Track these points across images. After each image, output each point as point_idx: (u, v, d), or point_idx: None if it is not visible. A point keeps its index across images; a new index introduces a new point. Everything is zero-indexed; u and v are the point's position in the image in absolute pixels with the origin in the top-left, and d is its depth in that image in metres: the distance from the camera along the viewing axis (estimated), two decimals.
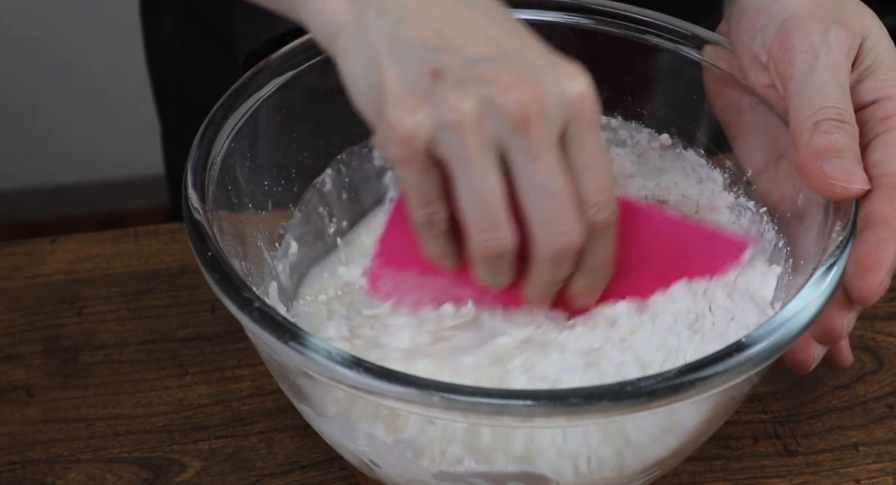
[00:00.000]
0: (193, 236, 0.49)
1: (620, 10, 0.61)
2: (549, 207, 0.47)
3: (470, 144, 0.45)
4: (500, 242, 0.47)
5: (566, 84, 0.46)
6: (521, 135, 0.45)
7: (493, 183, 0.46)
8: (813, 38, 0.52)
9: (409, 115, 0.45)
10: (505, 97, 0.45)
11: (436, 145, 0.46)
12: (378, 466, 0.51)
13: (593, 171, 0.47)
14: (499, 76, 0.45)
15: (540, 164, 0.46)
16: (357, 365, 0.44)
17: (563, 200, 0.47)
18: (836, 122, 0.50)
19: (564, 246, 0.48)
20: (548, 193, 0.46)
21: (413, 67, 0.45)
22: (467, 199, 0.46)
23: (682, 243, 0.54)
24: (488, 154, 0.46)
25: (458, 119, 0.45)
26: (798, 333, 0.46)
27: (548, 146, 0.46)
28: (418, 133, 0.45)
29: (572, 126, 0.46)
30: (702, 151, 0.62)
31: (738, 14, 0.57)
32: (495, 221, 0.47)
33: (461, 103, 0.45)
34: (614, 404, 0.43)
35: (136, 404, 0.63)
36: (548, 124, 0.45)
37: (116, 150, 1.77)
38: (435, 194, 0.48)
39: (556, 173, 0.46)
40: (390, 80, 0.45)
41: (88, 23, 1.67)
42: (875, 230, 0.49)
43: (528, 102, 0.45)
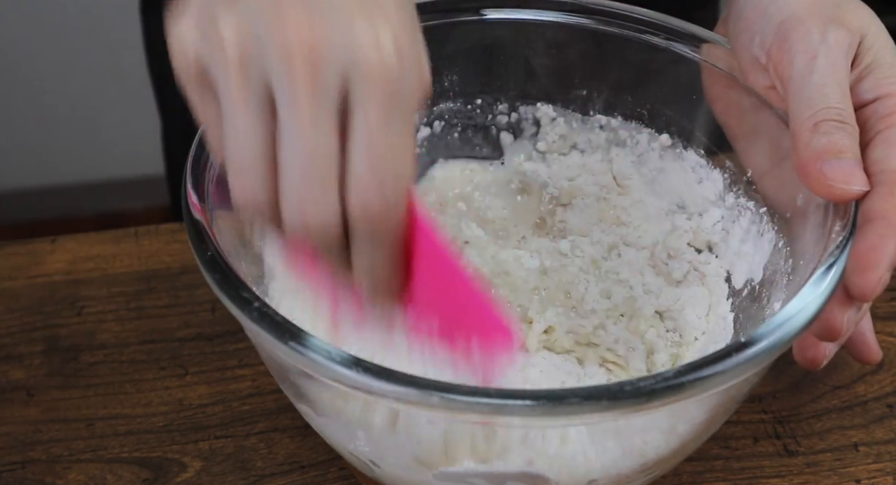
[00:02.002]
0: (193, 236, 0.49)
1: (620, 10, 0.61)
2: (294, 171, 0.41)
3: (230, 77, 0.40)
4: (250, 193, 0.42)
5: (361, 39, 0.40)
6: (284, 77, 0.40)
7: (247, 120, 0.41)
8: (811, 38, 0.52)
9: (183, 33, 0.42)
10: (278, 30, 0.39)
11: (205, 71, 0.42)
12: (378, 466, 0.51)
13: (370, 149, 0.40)
14: (286, 9, 0.40)
15: (298, 115, 0.40)
16: (356, 365, 0.44)
17: (312, 169, 0.40)
18: (836, 122, 0.50)
19: (299, 223, 0.41)
20: (296, 155, 0.40)
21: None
22: (226, 138, 0.42)
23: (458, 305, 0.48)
24: (251, 92, 0.41)
25: (218, 43, 0.40)
26: (797, 333, 0.46)
27: (311, 99, 0.40)
28: (184, 52, 0.42)
29: (357, 90, 0.40)
30: (702, 151, 0.62)
31: (736, 15, 0.57)
32: (246, 167, 0.41)
33: (228, 29, 0.40)
34: (613, 403, 0.43)
35: (136, 404, 0.63)
36: (316, 73, 0.39)
37: (116, 150, 1.77)
38: (216, 121, 0.43)
39: (310, 134, 0.40)
40: (192, 3, 0.42)
41: (88, 22, 1.67)
42: (874, 227, 0.49)
43: (297, 42, 0.39)
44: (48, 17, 1.66)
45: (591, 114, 0.65)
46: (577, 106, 0.65)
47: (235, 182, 0.42)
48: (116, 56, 1.67)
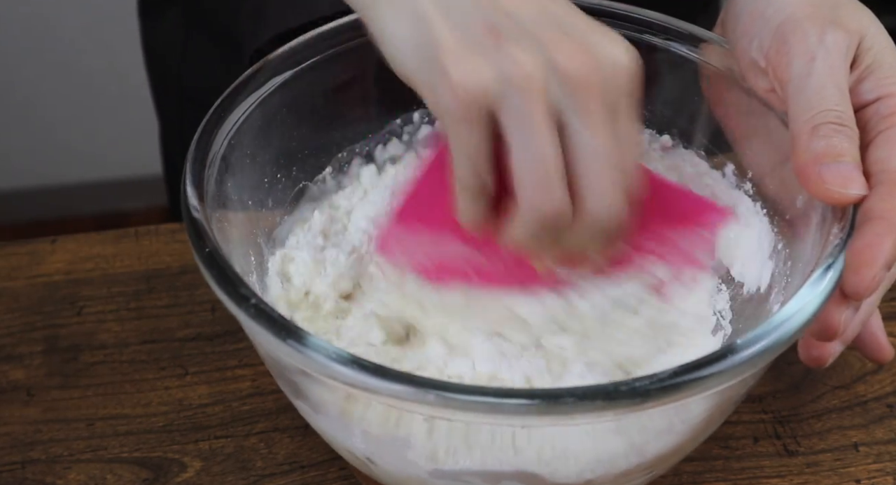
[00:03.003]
0: (192, 234, 0.49)
1: (621, 11, 0.61)
2: (605, 177, 0.46)
3: (536, 104, 0.44)
4: (556, 204, 0.46)
5: (618, 53, 0.46)
6: (583, 100, 0.44)
7: (553, 145, 0.45)
8: (809, 40, 0.52)
9: (473, 69, 0.44)
10: (568, 61, 0.44)
11: (497, 104, 0.44)
12: (374, 463, 0.51)
13: (632, 143, 0.47)
14: (558, 40, 0.44)
15: (598, 132, 0.45)
16: (353, 362, 0.44)
17: (617, 172, 0.46)
18: (835, 125, 0.50)
19: (615, 215, 0.47)
20: (602, 162, 0.46)
21: (468, 24, 0.44)
22: (526, 159, 0.45)
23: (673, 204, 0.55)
24: (550, 117, 0.45)
25: (525, 76, 0.44)
26: (795, 334, 0.46)
27: (605, 115, 0.45)
28: (482, 88, 0.44)
29: (620, 96, 0.46)
30: (702, 151, 0.62)
31: (734, 18, 0.57)
32: (554, 183, 0.46)
33: (528, 60, 0.44)
34: (609, 403, 0.43)
35: (136, 404, 0.63)
36: (605, 93, 0.45)
37: (116, 150, 1.77)
38: (485, 153, 0.46)
39: (613, 145, 0.46)
40: (445, 38, 0.44)
41: (88, 22, 1.67)
42: (872, 225, 0.49)
43: (589, 68, 0.44)
44: (48, 18, 1.66)
45: None
46: None
47: (542, 198, 0.46)
48: (116, 56, 1.67)
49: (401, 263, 0.55)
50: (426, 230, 0.53)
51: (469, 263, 0.53)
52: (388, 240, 0.55)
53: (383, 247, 0.55)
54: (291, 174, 0.60)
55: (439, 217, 0.51)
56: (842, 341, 0.54)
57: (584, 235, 0.48)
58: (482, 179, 0.47)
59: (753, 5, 0.55)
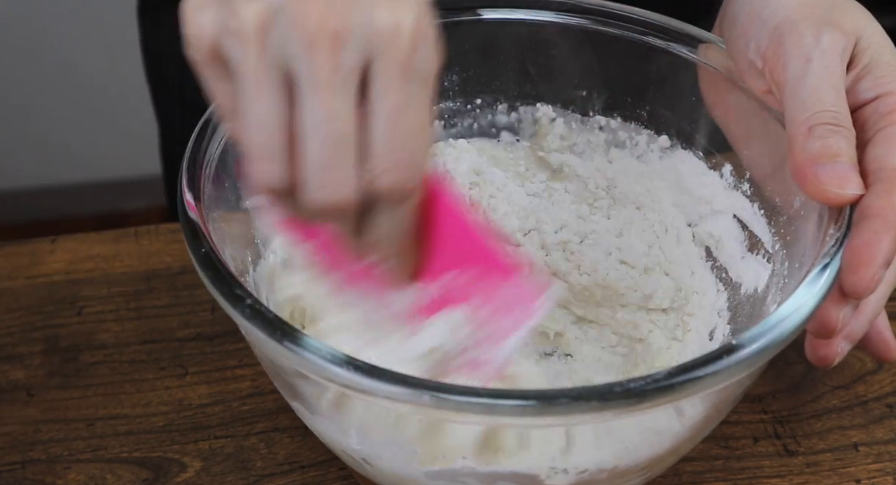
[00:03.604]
0: (188, 234, 0.49)
1: (620, 11, 0.61)
2: (315, 151, 0.41)
3: (249, 56, 0.40)
4: (270, 175, 0.42)
5: (379, 13, 0.40)
6: (305, 58, 0.40)
7: (268, 105, 0.41)
8: (805, 41, 0.52)
9: (196, 14, 0.41)
10: (295, 11, 0.39)
11: (222, 52, 0.41)
12: (370, 464, 0.51)
13: (391, 126, 0.41)
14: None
15: (319, 96, 0.40)
16: (348, 363, 0.44)
17: (336, 147, 0.41)
18: (831, 125, 0.50)
19: (322, 202, 0.42)
20: (317, 134, 0.41)
21: None
22: (243, 120, 0.41)
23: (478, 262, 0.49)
24: (270, 72, 0.40)
25: (237, 24, 0.40)
26: (791, 335, 0.46)
27: (332, 78, 0.40)
28: (201, 33, 0.41)
29: (377, 64, 0.40)
30: (700, 152, 0.62)
31: (731, 20, 0.57)
32: (267, 150, 0.41)
33: (246, 9, 0.40)
34: (604, 404, 0.43)
35: (136, 404, 0.63)
36: (338, 53, 0.40)
37: (116, 150, 1.77)
38: (229, 105, 0.43)
39: (335, 114, 0.40)
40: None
41: (88, 22, 1.67)
42: (870, 224, 0.49)
43: (321, 20, 0.39)
44: (48, 18, 1.66)
45: (590, 115, 0.65)
46: (577, 107, 0.65)
47: (255, 164, 0.42)
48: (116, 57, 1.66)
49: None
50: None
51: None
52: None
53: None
54: None
55: None
56: (849, 340, 0.53)
57: (309, 214, 0.43)
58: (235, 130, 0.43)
59: (750, 7, 0.55)
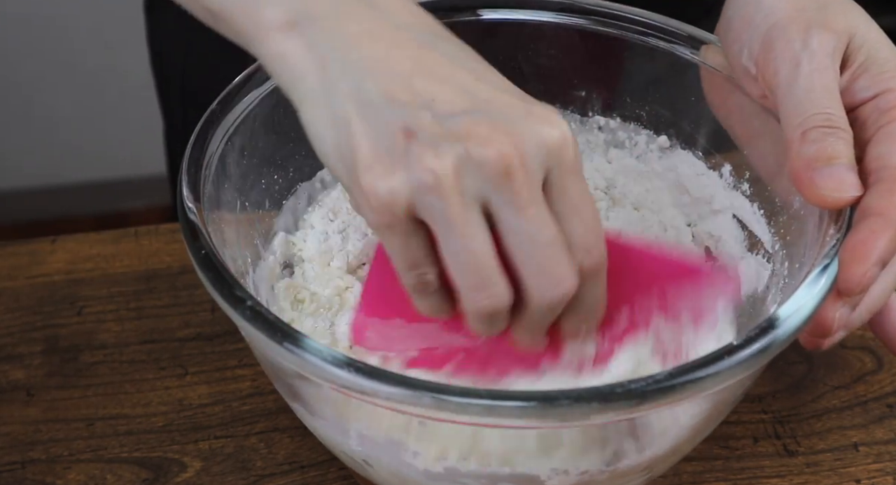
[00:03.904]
0: (188, 235, 0.49)
1: (620, 11, 0.61)
2: (542, 257, 0.45)
3: (451, 205, 0.43)
4: (495, 300, 0.45)
5: (544, 131, 0.44)
6: (504, 188, 0.43)
7: (480, 242, 0.44)
8: (793, 45, 0.52)
9: (384, 181, 0.43)
10: (482, 152, 0.43)
11: (416, 208, 0.44)
12: (371, 465, 0.51)
13: (580, 215, 0.45)
14: (474, 130, 0.43)
15: (527, 215, 0.44)
16: (348, 365, 0.44)
17: (555, 249, 0.45)
18: (825, 128, 0.50)
19: (561, 295, 0.46)
20: (539, 244, 0.44)
21: (383, 127, 0.43)
22: (455, 260, 0.44)
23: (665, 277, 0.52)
24: (472, 212, 0.44)
25: (435, 180, 0.43)
26: (792, 335, 0.46)
27: (532, 197, 0.44)
28: (395, 198, 0.43)
29: (555, 172, 0.45)
30: (700, 152, 0.62)
31: (725, 26, 0.56)
32: (488, 280, 0.45)
33: (437, 163, 0.43)
34: (604, 406, 0.43)
35: (136, 403, 0.63)
36: (530, 174, 0.44)
37: (117, 149, 1.77)
38: (422, 256, 0.46)
39: (544, 223, 0.44)
40: (360, 143, 0.43)
41: (89, 22, 1.67)
42: (868, 222, 0.49)
43: (507, 155, 0.43)
44: (49, 17, 1.66)
45: (589, 115, 0.65)
46: (576, 107, 0.65)
47: (475, 294, 0.45)
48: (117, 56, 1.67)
49: (381, 350, 0.53)
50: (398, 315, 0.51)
51: (454, 346, 0.52)
52: (363, 330, 0.53)
53: (359, 338, 0.53)
54: (288, 175, 0.60)
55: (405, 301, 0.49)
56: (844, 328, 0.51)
57: (537, 317, 0.47)
58: (425, 277, 0.46)
59: (744, 11, 0.55)
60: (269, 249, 0.59)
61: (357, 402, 0.46)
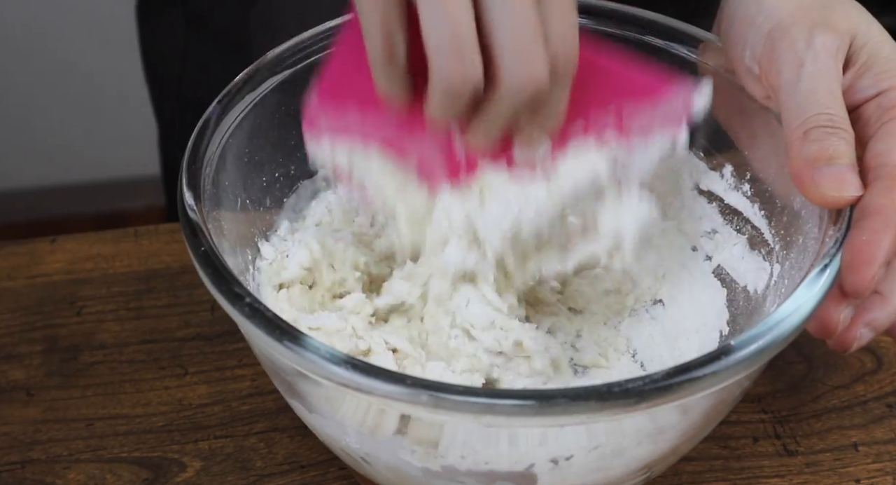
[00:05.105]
0: (187, 234, 0.49)
1: (620, 11, 0.61)
2: (522, 40, 0.44)
3: None
4: (466, 71, 0.44)
5: None
6: None
7: (463, 8, 0.43)
8: (797, 46, 0.52)
9: None
10: None
11: None
12: (369, 463, 0.51)
13: (562, 10, 0.45)
14: None
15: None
16: (346, 362, 0.44)
17: (536, 36, 0.44)
18: (827, 128, 0.50)
19: (534, 85, 0.45)
20: (520, 27, 0.44)
21: None
22: (434, 22, 0.44)
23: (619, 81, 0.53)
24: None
25: None
26: (791, 335, 0.46)
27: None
28: None
29: None
30: (701, 152, 0.62)
31: (727, 26, 0.56)
32: (463, 48, 0.44)
33: None
34: (602, 404, 0.43)
35: (136, 403, 0.63)
36: None
37: (116, 150, 1.77)
38: (395, 19, 0.45)
39: (529, 6, 0.44)
40: None
41: (87, 22, 1.67)
42: (870, 222, 0.49)
43: None
44: (47, 18, 1.66)
45: None
46: None
47: (447, 60, 0.44)
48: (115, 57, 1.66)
49: (330, 136, 0.52)
50: (355, 102, 0.51)
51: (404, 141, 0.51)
52: (316, 115, 0.52)
53: (311, 124, 0.52)
54: (289, 173, 0.60)
55: (363, 95, 0.49)
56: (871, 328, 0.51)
57: (507, 106, 0.47)
58: (394, 46, 0.46)
59: (745, 12, 0.55)
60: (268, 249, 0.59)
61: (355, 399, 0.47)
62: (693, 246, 0.63)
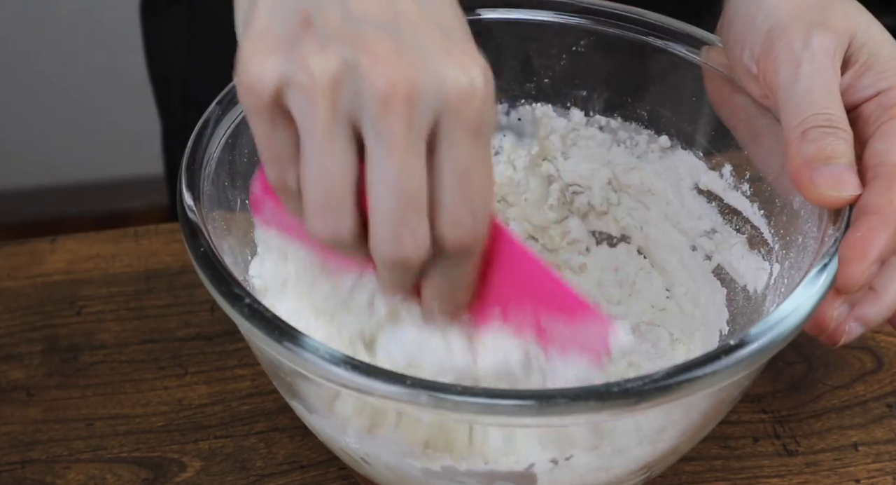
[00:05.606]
0: (187, 234, 0.49)
1: (620, 11, 0.61)
2: (390, 208, 0.41)
3: (318, 111, 0.40)
4: (335, 229, 0.42)
5: (451, 73, 0.40)
6: (379, 118, 0.39)
7: (338, 161, 0.41)
8: (794, 46, 0.52)
9: (258, 59, 0.40)
10: (372, 69, 0.39)
11: (285, 101, 0.41)
12: (369, 463, 0.51)
13: (462, 182, 0.41)
14: (375, 43, 0.39)
15: (392, 157, 0.40)
16: (346, 363, 0.44)
17: (408, 205, 0.41)
18: (825, 128, 0.50)
19: (397, 257, 0.42)
20: (392, 192, 0.40)
21: (287, 8, 0.40)
22: (307, 172, 0.41)
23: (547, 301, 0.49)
24: (339, 128, 0.40)
25: (308, 80, 0.39)
26: (790, 334, 0.46)
27: (406, 138, 0.40)
28: (262, 82, 0.40)
29: (447, 124, 0.40)
30: (700, 152, 0.62)
31: (727, 25, 0.56)
32: (333, 204, 0.41)
33: (317, 62, 0.39)
34: (601, 404, 0.43)
35: (136, 403, 0.63)
36: (412, 114, 0.39)
37: (116, 150, 1.77)
38: (286, 155, 0.42)
39: (409, 174, 0.40)
40: (259, 16, 0.41)
41: (88, 22, 1.67)
42: (867, 220, 0.49)
43: (395, 81, 0.39)
44: (48, 17, 1.66)
45: (590, 114, 0.65)
46: (577, 107, 0.65)
47: (316, 216, 0.42)
48: (117, 56, 1.67)
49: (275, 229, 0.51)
50: None
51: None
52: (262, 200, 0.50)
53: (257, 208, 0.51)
54: None
55: None
56: (861, 323, 0.51)
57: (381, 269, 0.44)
58: (288, 181, 0.43)
59: (745, 11, 0.55)
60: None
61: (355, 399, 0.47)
62: (692, 245, 0.63)
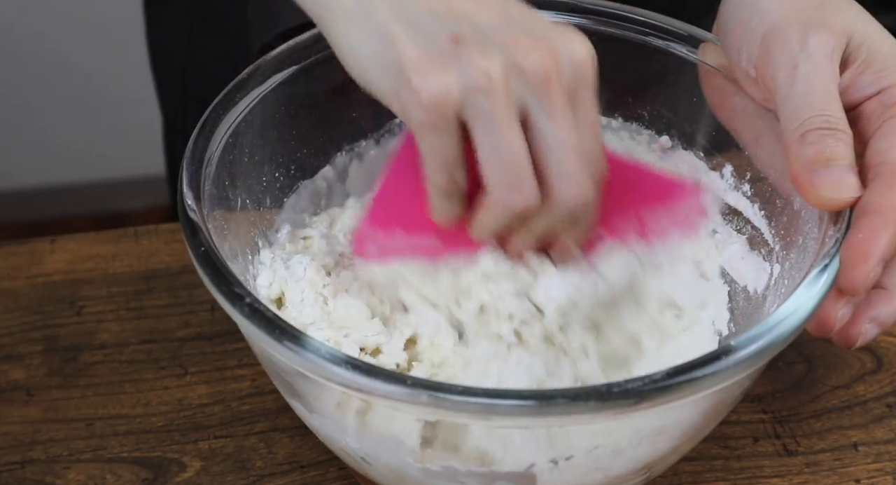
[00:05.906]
0: (188, 233, 0.49)
1: (621, 11, 0.61)
2: (569, 162, 0.48)
3: (499, 105, 0.46)
4: (527, 198, 0.48)
5: (575, 46, 0.48)
6: (543, 94, 0.47)
7: (520, 142, 0.47)
8: (791, 48, 0.52)
9: (437, 78, 0.46)
10: (527, 58, 0.46)
11: (462, 108, 0.47)
12: (369, 463, 0.51)
13: (592, 128, 0.49)
14: (515, 39, 0.47)
15: (559, 121, 0.47)
16: (347, 363, 0.44)
17: (579, 155, 0.48)
18: (824, 130, 0.50)
19: (584, 200, 0.49)
20: (567, 149, 0.48)
21: (429, 35, 0.46)
22: (495, 157, 0.47)
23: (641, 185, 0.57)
24: (513, 115, 0.47)
25: (487, 81, 0.46)
26: (790, 335, 0.46)
27: (564, 104, 0.48)
28: (448, 96, 0.46)
29: (580, 86, 0.48)
30: (701, 153, 0.62)
31: (724, 29, 0.56)
32: (524, 178, 0.48)
33: (489, 65, 0.46)
34: (602, 405, 0.43)
35: (136, 403, 0.63)
36: (564, 84, 0.47)
37: (116, 150, 1.77)
38: (456, 156, 0.48)
39: (573, 129, 0.48)
40: (407, 50, 0.46)
41: (88, 22, 1.67)
42: (868, 220, 0.49)
43: (547, 64, 0.47)
44: (48, 17, 1.66)
45: None
46: None
47: (510, 191, 0.48)
48: (116, 56, 1.67)
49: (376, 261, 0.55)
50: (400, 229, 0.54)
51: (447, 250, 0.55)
52: (364, 240, 0.55)
53: (360, 249, 0.56)
54: (290, 173, 0.60)
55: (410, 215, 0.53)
56: (876, 323, 0.51)
57: (555, 221, 0.50)
58: (455, 180, 0.50)
59: (741, 14, 0.55)
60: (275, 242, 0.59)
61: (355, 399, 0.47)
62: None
